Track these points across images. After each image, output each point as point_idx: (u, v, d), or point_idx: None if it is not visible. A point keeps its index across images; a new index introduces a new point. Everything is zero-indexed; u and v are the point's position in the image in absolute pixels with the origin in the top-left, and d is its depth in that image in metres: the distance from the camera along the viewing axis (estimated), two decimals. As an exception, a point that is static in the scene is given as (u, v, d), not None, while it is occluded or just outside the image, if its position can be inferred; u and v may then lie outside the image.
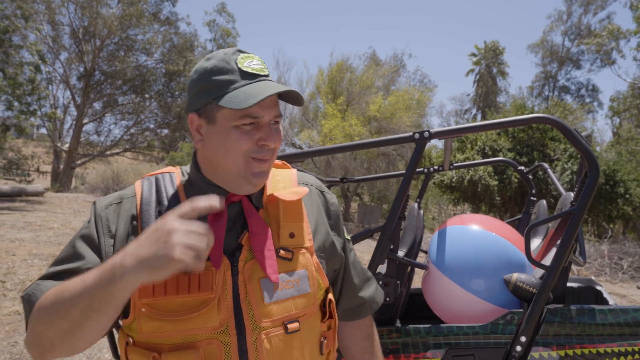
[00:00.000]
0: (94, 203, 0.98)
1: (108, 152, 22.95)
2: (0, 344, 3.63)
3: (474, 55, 31.14)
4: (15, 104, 12.70)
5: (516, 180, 12.84)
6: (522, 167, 3.02)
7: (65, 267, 0.89)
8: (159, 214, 0.92)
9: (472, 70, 31.40)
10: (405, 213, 2.61)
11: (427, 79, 24.90)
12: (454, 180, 13.15)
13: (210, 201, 0.76)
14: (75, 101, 21.75)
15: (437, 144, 19.30)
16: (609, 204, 12.25)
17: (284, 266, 0.94)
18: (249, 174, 0.92)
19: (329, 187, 3.18)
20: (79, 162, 21.66)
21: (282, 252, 0.95)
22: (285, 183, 1.04)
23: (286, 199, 0.97)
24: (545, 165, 2.85)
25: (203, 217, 0.87)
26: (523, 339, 1.73)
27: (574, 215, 1.75)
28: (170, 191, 0.97)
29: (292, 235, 0.98)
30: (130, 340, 0.90)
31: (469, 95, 31.48)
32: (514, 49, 63.98)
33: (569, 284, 2.80)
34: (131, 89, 21.85)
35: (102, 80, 21.72)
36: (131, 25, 20.63)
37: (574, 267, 8.41)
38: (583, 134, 1.94)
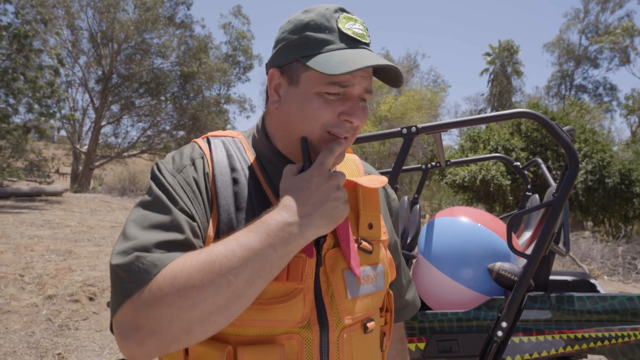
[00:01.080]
0: (158, 169, 0.82)
1: (125, 154, 23.39)
2: (18, 334, 3.80)
3: (488, 54, 30.87)
4: (36, 106, 13.07)
5: (530, 180, 12.79)
6: (518, 163, 3.09)
7: (172, 236, 0.72)
8: (234, 182, 0.81)
9: (486, 70, 31.13)
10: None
11: (440, 79, 24.86)
12: (466, 180, 13.12)
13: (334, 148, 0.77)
14: (94, 104, 22.23)
15: (449, 142, 19.26)
16: (624, 203, 12.09)
17: (365, 259, 0.86)
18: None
19: None
20: (97, 163, 22.13)
21: (363, 243, 0.87)
22: (352, 169, 0.97)
23: (367, 186, 0.88)
24: (539, 160, 2.91)
25: (278, 193, 0.80)
26: (504, 324, 1.80)
27: (554, 206, 1.82)
28: (241, 158, 0.85)
29: (370, 226, 0.90)
30: None
31: (483, 95, 31.25)
32: (529, 48, 63.35)
33: (563, 278, 2.85)
34: (147, 91, 22.25)
35: (120, 83, 22.17)
36: (147, 29, 21.02)
37: (584, 264, 8.35)
38: (565, 128, 2.02)
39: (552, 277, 2.87)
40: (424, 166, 3.21)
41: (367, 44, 0.82)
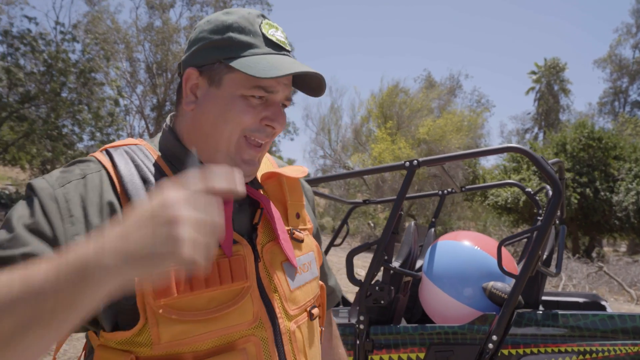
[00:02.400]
0: (31, 185, 0.71)
1: (177, 177, 24.58)
2: (81, 341, 4.27)
3: (533, 73, 30.23)
4: (97, 134, 14.25)
5: (576, 201, 12.42)
6: (529, 190, 3.25)
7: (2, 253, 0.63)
8: (149, 194, 0.72)
9: (532, 89, 30.46)
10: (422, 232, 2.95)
11: (484, 99, 24.57)
12: (509, 201, 12.94)
13: (232, 182, 0.56)
14: (149, 130, 23.70)
15: (484, 165, 18.98)
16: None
17: (298, 248, 0.87)
18: (238, 159, 0.79)
19: (353, 209, 3.57)
20: (151, 185, 23.40)
21: (295, 233, 0.87)
22: (266, 165, 0.95)
23: (290, 175, 0.88)
24: (547, 187, 3.08)
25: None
26: (494, 337, 2.02)
27: (539, 232, 2.04)
28: (150, 167, 0.77)
29: (298, 216, 0.90)
30: (134, 358, 0.69)
31: (529, 114, 30.51)
32: (577, 65, 61.31)
33: (575, 299, 2.98)
34: (197, 117, 23.48)
35: (172, 110, 23.55)
36: (197, 59, 22.30)
37: (632, 290, 8.04)
38: (551, 161, 2.24)
39: (565, 299, 3.02)
40: (440, 192, 3.44)
41: (289, 52, 0.81)
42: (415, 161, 2.24)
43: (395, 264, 2.42)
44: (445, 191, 3.44)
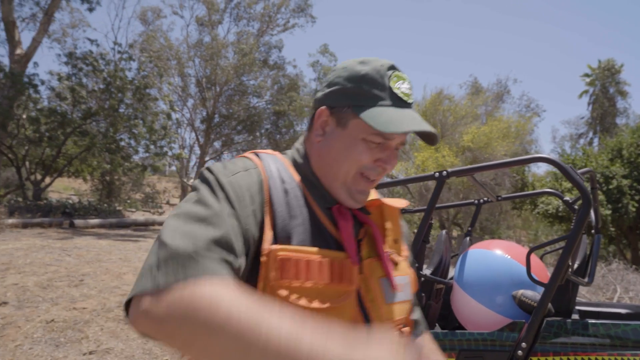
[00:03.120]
0: (208, 169, 0.83)
1: (225, 186, 25.35)
2: (136, 342, 4.59)
3: (587, 75, 28.85)
4: (152, 147, 15.04)
5: (634, 209, 11.77)
6: (567, 198, 3.23)
7: (216, 234, 0.70)
8: (285, 192, 0.85)
9: (585, 92, 29.07)
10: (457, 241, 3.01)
11: (533, 104, 23.77)
12: (560, 209, 12.44)
13: None
14: (199, 141, 24.66)
15: (536, 171, 18.30)
16: None
17: (394, 269, 0.93)
18: (353, 190, 0.89)
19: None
20: (200, 195, 24.26)
21: (392, 255, 0.93)
22: (372, 194, 1.03)
23: (391, 205, 0.98)
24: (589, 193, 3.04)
25: (329, 213, 0.88)
26: (524, 345, 2.06)
27: (568, 240, 2.07)
28: (285, 173, 0.89)
29: (396, 242, 0.97)
30: None
31: (583, 118, 29.11)
32: (636, 66, 57.72)
33: (617, 310, 2.93)
34: (244, 128, 24.22)
35: (221, 122, 24.40)
36: (245, 72, 23.07)
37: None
38: (581, 170, 2.26)
39: (607, 309, 2.97)
40: (476, 201, 3.47)
41: (411, 104, 0.89)
42: (445, 172, 2.32)
43: (427, 271, 2.50)
44: (482, 200, 3.47)
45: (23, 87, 12.94)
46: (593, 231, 2.67)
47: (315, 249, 0.81)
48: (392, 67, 0.89)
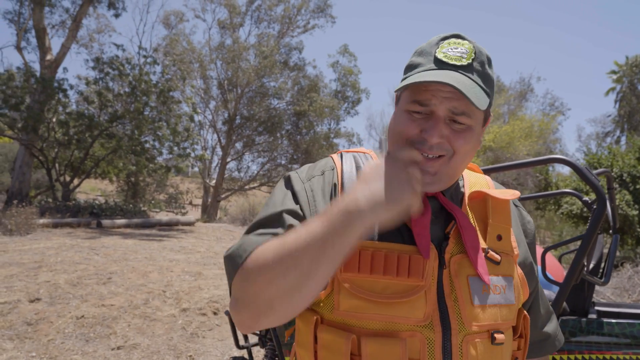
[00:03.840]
0: (289, 177, 0.93)
1: (247, 187, 25.69)
2: (161, 337, 4.74)
3: (614, 72, 28.11)
4: (175, 149, 15.37)
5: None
6: (587, 199, 3.21)
7: (272, 230, 0.82)
8: None
9: (612, 89, 28.32)
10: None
11: (558, 102, 23.30)
12: (585, 210, 12.18)
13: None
14: (221, 143, 24.99)
15: (561, 171, 17.91)
16: None
17: (491, 268, 0.85)
18: None
19: None
20: (223, 195, 24.62)
21: (490, 252, 0.86)
22: (482, 185, 0.96)
23: (496, 196, 0.89)
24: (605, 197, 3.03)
25: None
26: (538, 343, 2.09)
27: (583, 240, 2.10)
28: None
29: (499, 238, 0.89)
30: (319, 317, 0.81)
31: (609, 116, 28.38)
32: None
33: (636, 311, 2.92)
34: (265, 129, 24.43)
35: (242, 123, 24.67)
36: (265, 74, 23.30)
37: None
38: (597, 171, 2.27)
39: (627, 310, 2.96)
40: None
41: (463, 66, 0.81)
42: (460, 173, 2.36)
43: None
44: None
45: (53, 91, 13.40)
46: (611, 232, 2.67)
47: (381, 243, 0.81)
48: (452, 36, 0.84)
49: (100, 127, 14.09)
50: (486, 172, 2.33)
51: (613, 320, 2.05)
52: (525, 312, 0.93)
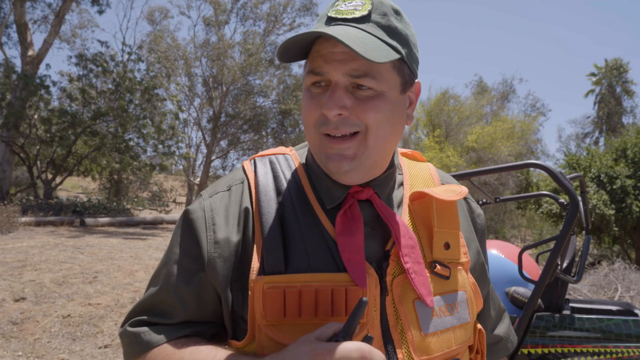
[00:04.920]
0: (186, 211, 0.77)
1: (231, 185, 25.55)
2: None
3: (593, 75, 28.81)
4: (160, 147, 15.28)
5: (638, 210, 11.83)
6: (562, 200, 3.36)
7: (162, 321, 0.75)
8: (280, 206, 0.72)
9: (592, 91, 29.04)
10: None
11: (539, 103, 23.80)
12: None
13: None
14: (205, 140, 24.88)
15: (542, 172, 18.32)
16: None
17: (440, 286, 0.73)
18: (323, 156, 0.70)
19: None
20: (207, 194, 24.48)
21: (437, 267, 0.73)
22: (425, 178, 0.83)
23: (442, 198, 0.74)
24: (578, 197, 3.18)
25: (332, 214, 0.72)
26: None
27: (557, 241, 2.23)
28: (290, 178, 0.76)
29: (447, 246, 0.76)
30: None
31: (589, 117, 29.09)
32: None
33: (609, 307, 3.08)
34: (251, 127, 24.42)
35: (227, 121, 24.60)
36: (251, 72, 23.26)
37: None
38: (571, 175, 2.41)
39: (599, 306, 3.12)
40: (481, 202, 3.62)
41: (352, 20, 0.68)
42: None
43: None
44: (480, 202, 3.61)
45: (35, 88, 13.21)
46: (584, 232, 2.81)
47: (310, 276, 0.67)
48: None
49: (83, 125, 13.93)
50: (465, 176, 2.45)
51: (584, 316, 2.18)
52: (479, 326, 0.82)
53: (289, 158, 0.81)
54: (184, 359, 0.67)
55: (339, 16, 0.68)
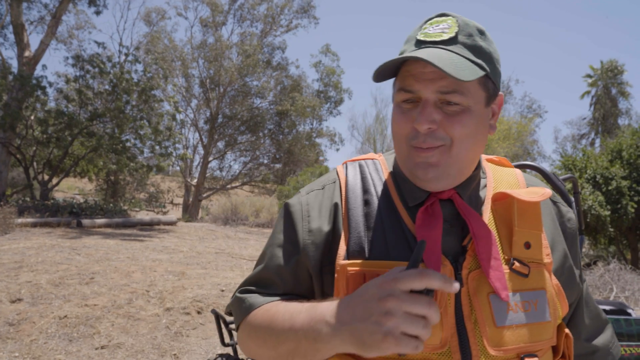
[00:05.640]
0: (287, 204, 0.90)
1: (229, 186, 25.59)
2: (145, 337, 4.78)
3: (589, 76, 28.95)
4: (157, 148, 15.27)
5: (633, 210, 11.90)
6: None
7: (267, 291, 0.86)
8: (365, 203, 0.81)
9: (587, 93, 29.17)
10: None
11: (535, 105, 23.88)
12: (560, 210, 12.53)
13: (446, 282, 0.61)
14: (203, 141, 24.84)
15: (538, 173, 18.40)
16: None
17: (519, 283, 0.75)
18: (411, 164, 0.77)
19: None
20: (204, 194, 24.47)
21: (516, 264, 0.76)
22: (510, 182, 0.86)
23: (523, 198, 0.77)
24: (571, 198, 3.22)
25: (414, 212, 0.79)
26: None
27: (549, 242, 2.25)
28: (377, 179, 0.84)
29: (527, 246, 0.78)
30: None
31: (585, 119, 29.23)
32: (639, 67, 57.73)
33: (600, 306, 3.10)
34: (248, 129, 24.40)
35: (224, 122, 24.58)
36: (248, 73, 23.26)
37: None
38: (564, 176, 2.44)
39: (592, 307, 3.14)
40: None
41: (441, 42, 0.75)
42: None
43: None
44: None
45: (32, 89, 13.18)
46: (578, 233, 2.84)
47: (388, 263, 0.74)
48: (435, 17, 0.79)
49: (80, 126, 13.91)
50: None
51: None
52: (566, 329, 0.83)
53: (377, 162, 0.89)
54: (279, 311, 0.76)
55: (427, 39, 0.76)
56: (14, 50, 14.91)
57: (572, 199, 2.33)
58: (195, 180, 24.24)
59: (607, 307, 3.09)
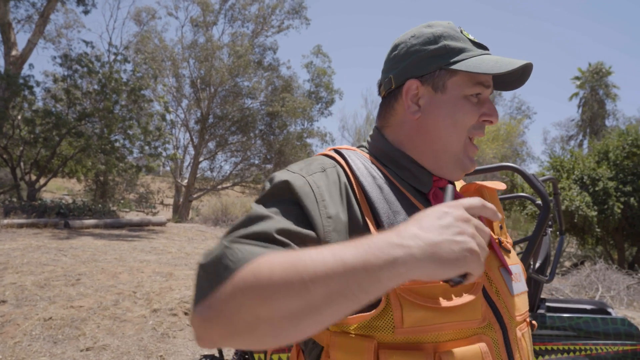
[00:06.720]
0: (277, 178, 0.76)
1: (219, 187, 25.52)
2: (132, 338, 4.76)
3: (577, 78, 29.31)
4: (146, 148, 15.16)
5: (619, 211, 12.05)
6: (540, 202, 3.43)
7: (265, 227, 0.66)
8: (379, 189, 0.78)
9: (575, 94, 29.53)
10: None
11: (525, 106, 24.11)
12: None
13: (494, 212, 0.64)
14: (193, 142, 24.74)
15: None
16: None
17: (507, 258, 0.84)
18: (465, 158, 0.83)
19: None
20: (195, 195, 24.38)
21: (504, 242, 0.86)
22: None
23: (491, 186, 0.90)
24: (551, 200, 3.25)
25: (418, 198, 0.81)
26: (489, 336, 2.26)
27: (530, 241, 2.28)
28: (372, 167, 0.83)
29: (501, 227, 0.89)
30: (376, 344, 0.68)
31: (573, 120, 29.57)
32: (627, 69, 58.50)
33: (582, 306, 3.15)
34: (239, 129, 24.33)
35: (215, 122, 24.50)
36: (239, 74, 23.20)
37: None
38: (544, 178, 2.47)
39: (574, 305, 3.19)
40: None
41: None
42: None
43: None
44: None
45: (18, 88, 13.04)
46: (558, 233, 2.88)
47: None
48: (445, 22, 0.88)
49: (68, 126, 13.78)
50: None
51: (556, 315, 2.24)
52: None
53: (357, 153, 0.87)
54: (304, 253, 0.60)
55: (486, 47, 0.87)
56: (1, 49, 14.77)
57: (552, 199, 2.36)
58: (186, 181, 24.12)
59: (588, 307, 3.14)
